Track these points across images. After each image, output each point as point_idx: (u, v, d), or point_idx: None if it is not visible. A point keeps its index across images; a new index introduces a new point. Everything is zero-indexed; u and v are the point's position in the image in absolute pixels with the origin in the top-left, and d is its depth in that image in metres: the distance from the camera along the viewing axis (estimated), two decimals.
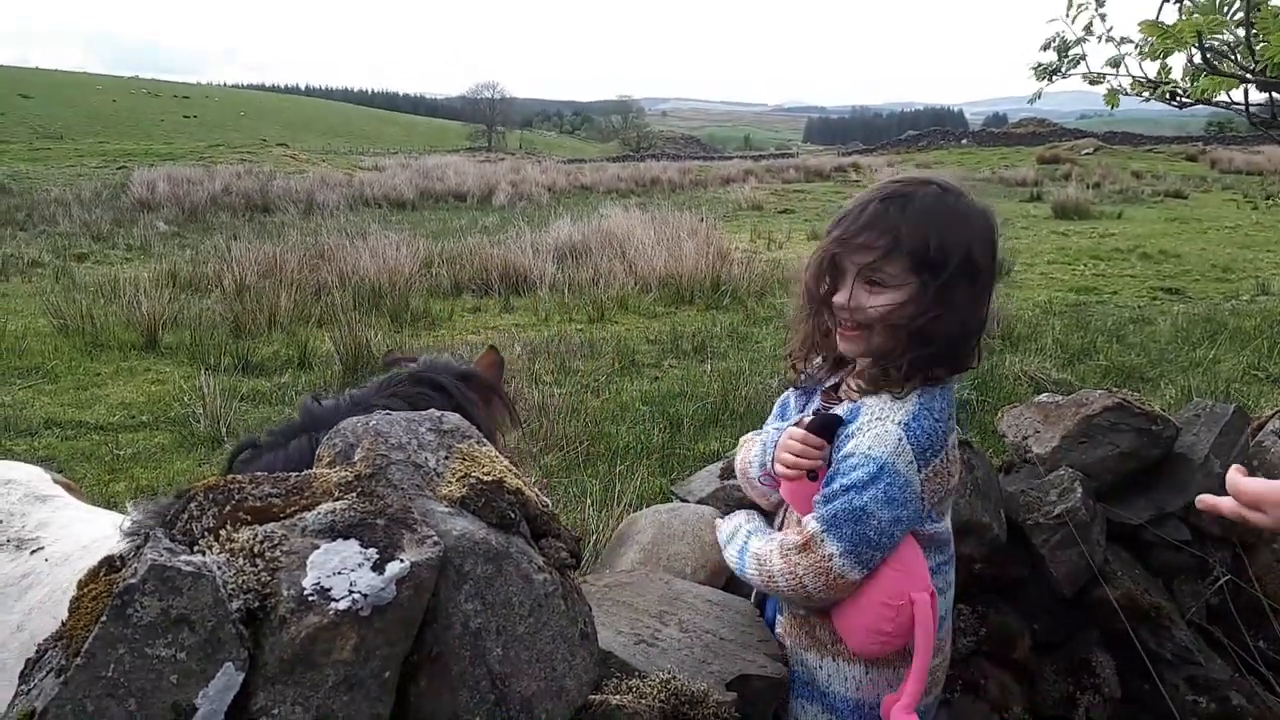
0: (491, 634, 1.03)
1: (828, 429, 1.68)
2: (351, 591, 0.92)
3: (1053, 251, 15.93)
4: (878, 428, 1.62)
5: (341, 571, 0.94)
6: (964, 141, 51.99)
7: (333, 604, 0.91)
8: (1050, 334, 9.04)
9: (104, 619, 0.82)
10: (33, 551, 1.99)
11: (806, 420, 1.73)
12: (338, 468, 1.12)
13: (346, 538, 0.98)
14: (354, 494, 1.04)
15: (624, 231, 14.92)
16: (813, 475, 1.68)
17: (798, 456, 1.68)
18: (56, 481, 2.34)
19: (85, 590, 0.89)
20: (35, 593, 1.90)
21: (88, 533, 2.04)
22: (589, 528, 3.98)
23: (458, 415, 1.24)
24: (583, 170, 37.56)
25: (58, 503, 2.19)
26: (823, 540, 1.59)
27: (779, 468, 1.72)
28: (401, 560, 0.96)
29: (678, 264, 12.40)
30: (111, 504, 5.22)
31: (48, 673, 0.82)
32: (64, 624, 0.90)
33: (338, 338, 8.24)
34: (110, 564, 0.93)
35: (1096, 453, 2.67)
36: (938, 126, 67.68)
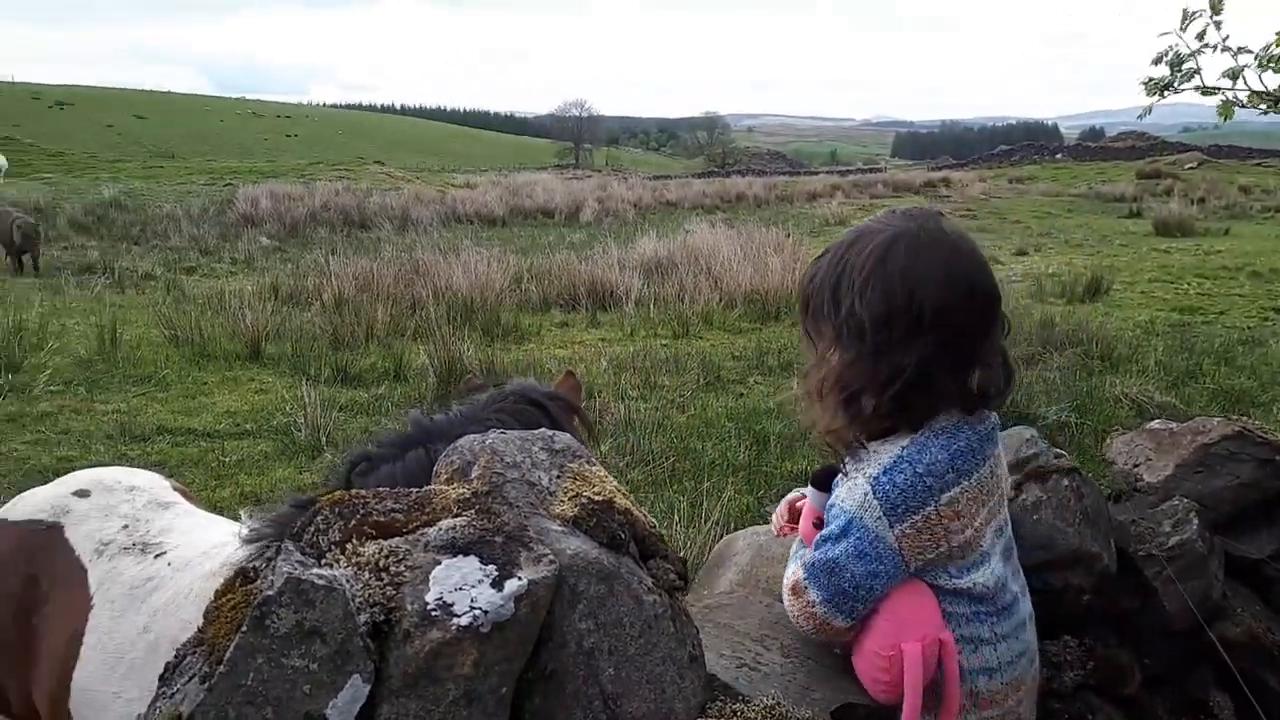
0: (604, 654, 1.04)
1: (828, 479, 1.72)
2: (473, 607, 0.94)
3: (1154, 269, 15.35)
4: (850, 480, 1.63)
5: (463, 587, 0.96)
6: (1058, 156, 50.53)
7: (455, 619, 0.93)
8: (1153, 355, 8.69)
9: (244, 629, 0.86)
10: (156, 556, 2.08)
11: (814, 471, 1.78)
12: (456, 484, 1.14)
13: (467, 554, 1.00)
14: (472, 511, 1.07)
15: (709, 247, 14.92)
16: (819, 523, 1.72)
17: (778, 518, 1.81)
18: (175, 488, 2.45)
19: (224, 600, 0.93)
20: (159, 596, 1.99)
21: (206, 539, 2.13)
22: (676, 545, 3.98)
23: (568, 435, 1.26)
24: (668, 186, 37.71)
25: (178, 509, 2.29)
26: (806, 587, 1.64)
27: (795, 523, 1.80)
28: (520, 578, 0.98)
29: (763, 279, 12.34)
30: (218, 509, 5.43)
31: (191, 678, 0.86)
32: (201, 631, 0.94)
33: (432, 351, 8.43)
34: (245, 575, 0.97)
35: (1214, 483, 2.55)
36: (1030, 141, 65.93)
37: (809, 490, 1.80)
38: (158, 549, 2.10)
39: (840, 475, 1.68)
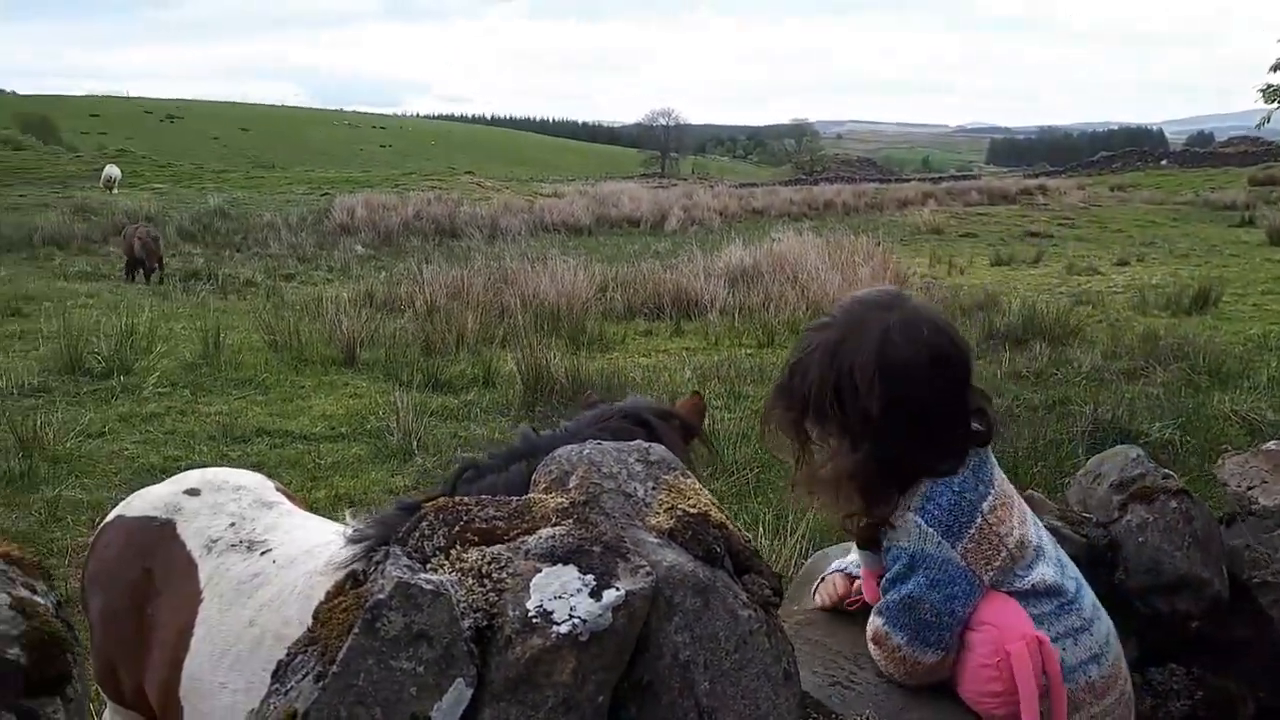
0: (700, 667, 1.04)
1: (873, 539, 1.81)
2: (572, 616, 0.96)
3: (1268, 281, 14.63)
4: (900, 520, 1.72)
5: (562, 596, 0.98)
6: (1163, 162, 48.58)
7: (554, 627, 0.95)
8: (1265, 370, 8.29)
9: (355, 631, 0.89)
10: (262, 553, 2.17)
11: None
12: (554, 493, 1.16)
13: (566, 563, 1.02)
14: (571, 520, 1.09)
15: (796, 255, 14.80)
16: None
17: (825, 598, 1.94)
18: (277, 489, 2.55)
19: (335, 602, 0.96)
20: (265, 591, 2.07)
21: (309, 538, 2.21)
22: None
23: (663, 447, 1.27)
24: (754, 194, 37.52)
25: (281, 509, 2.38)
26: (887, 634, 1.71)
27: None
28: (618, 589, 0.99)
29: (852, 288, 12.11)
30: (314, 510, 5.59)
31: (304, 676, 0.90)
32: (311, 630, 0.98)
33: (519, 358, 8.55)
34: (354, 578, 1.00)
35: None
36: (1134, 147, 63.48)
37: (859, 554, 1.89)
38: (263, 546, 2.19)
39: (883, 530, 1.77)
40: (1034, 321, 10.41)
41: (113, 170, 34.54)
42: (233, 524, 2.27)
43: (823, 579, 2.09)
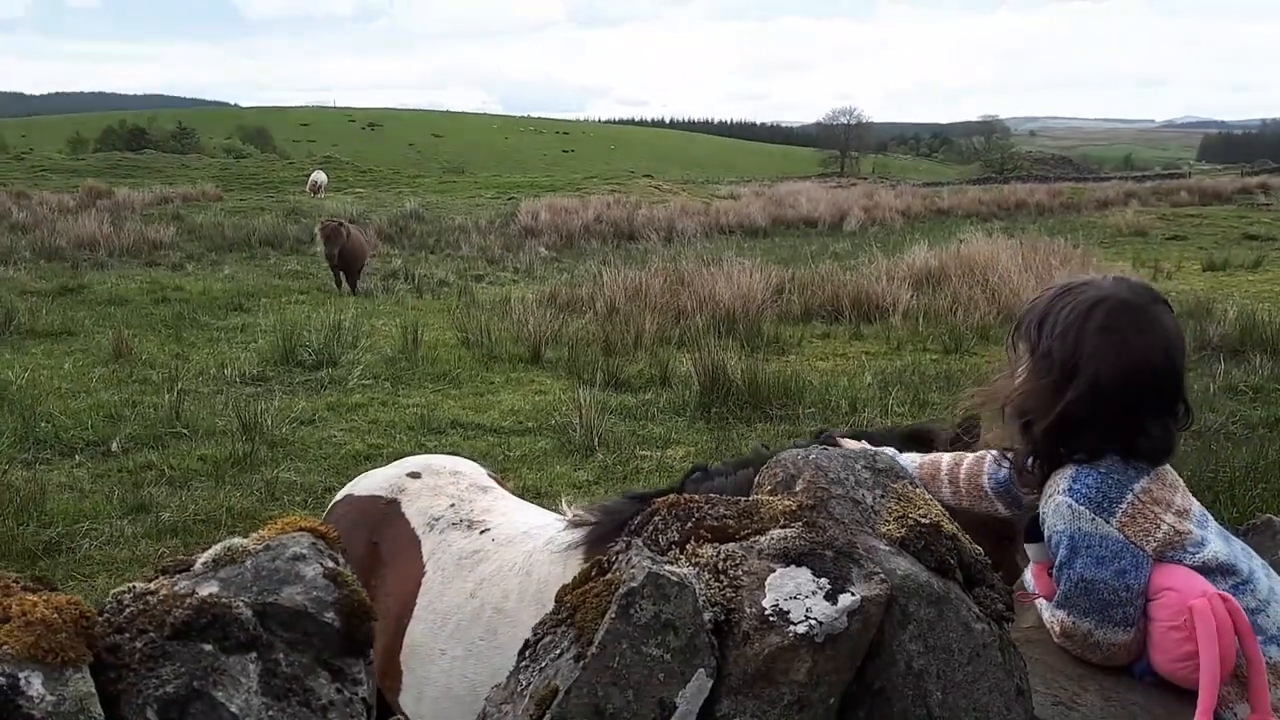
0: (932, 677, 1.04)
1: (1037, 531, 1.80)
2: (808, 617, 0.98)
3: None
4: (1050, 505, 1.73)
5: (797, 597, 1.00)
6: None
7: (792, 627, 0.97)
8: None
9: (611, 616, 0.94)
10: (481, 532, 2.32)
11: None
12: (780, 496, 1.18)
13: (799, 564, 1.04)
14: (800, 523, 1.10)
15: (985, 257, 14.18)
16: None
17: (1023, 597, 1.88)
18: (490, 475, 2.71)
19: (586, 587, 1.02)
20: (485, 567, 2.22)
21: (525, 520, 2.35)
22: None
23: (891, 454, 1.27)
24: (939, 194, 36.26)
25: (495, 493, 2.53)
26: (1073, 623, 1.70)
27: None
28: (853, 593, 1.00)
29: None
30: None
31: (561, 655, 0.96)
32: (555, 612, 1.05)
33: (696, 360, 8.62)
34: (600, 566, 1.06)
35: None
36: None
37: (1027, 548, 1.88)
38: (481, 526, 2.34)
39: (1042, 519, 1.77)
40: (1253, 332, 9.58)
41: (319, 176, 37.13)
42: (452, 504, 2.43)
43: None
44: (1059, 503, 1.71)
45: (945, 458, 2.02)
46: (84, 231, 20.63)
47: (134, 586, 0.90)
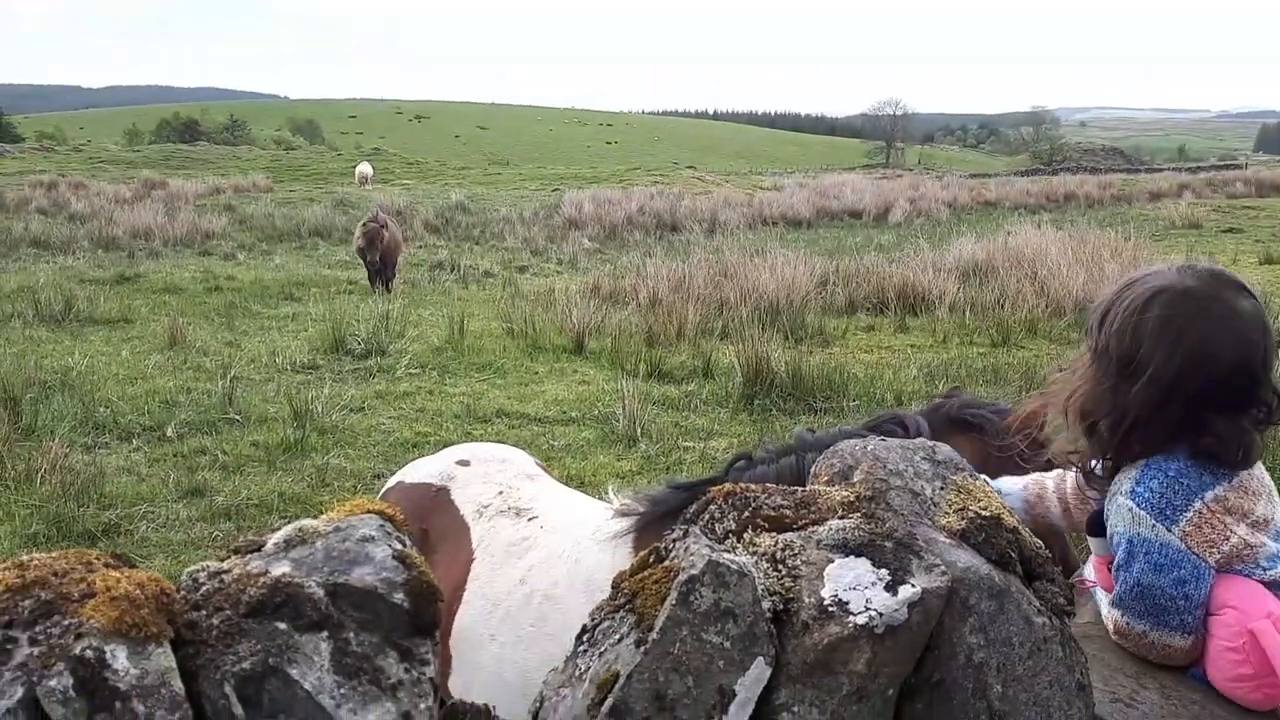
0: (992, 670, 1.03)
1: (1100, 525, 1.77)
2: (868, 608, 0.98)
3: None
4: (1113, 504, 1.69)
5: (856, 588, 1.00)
6: None
7: (851, 617, 0.97)
8: None
9: (672, 602, 0.95)
10: (529, 519, 2.34)
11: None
12: (837, 486, 1.18)
13: (859, 555, 1.04)
14: (858, 514, 1.10)
15: (1034, 250, 13.96)
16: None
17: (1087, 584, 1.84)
18: (537, 464, 2.74)
19: (645, 574, 1.03)
20: (534, 554, 2.24)
21: (572, 508, 2.37)
22: None
23: (949, 447, 1.26)
24: (987, 185, 35.74)
25: (542, 481, 2.56)
26: (1129, 624, 1.67)
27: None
28: (913, 585, 1.00)
29: (1098, 287, 11.30)
30: None
31: (620, 639, 0.97)
32: (613, 599, 1.06)
33: (739, 351, 8.59)
34: (657, 553, 1.07)
35: None
36: None
37: (1090, 541, 1.85)
38: (529, 513, 2.37)
39: (1106, 515, 1.74)
40: None
41: (365, 168, 37.66)
42: (501, 492, 2.46)
43: None
44: (1120, 504, 1.67)
45: (1049, 478, 1.97)
46: (139, 222, 21.13)
47: (208, 565, 0.93)
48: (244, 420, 7.26)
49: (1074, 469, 1.86)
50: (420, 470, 2.69)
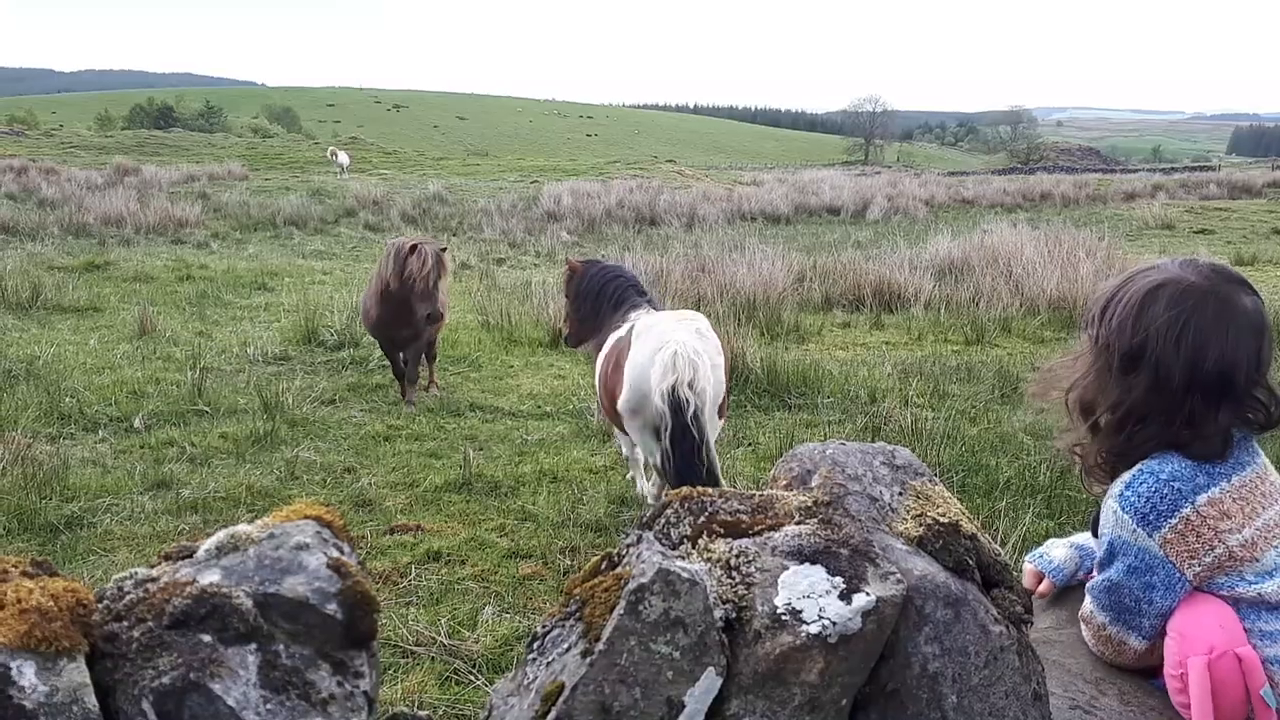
0: (948, 680, 1.01)
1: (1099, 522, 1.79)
2: (821, 617, 0.96)
3: None
4: (1104, 505, 1.72)
5: (810, 596, 0.97)
6: None
7: (804, 627, 0.95)
8: None
9: (620, 612, 0.92)
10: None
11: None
12: (795, 491, 1.16)
13: (814, 562, 1.01)
14: (815, 520, 1.08)
15: (1009, 248, 14.03)
16: None
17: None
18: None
19: (596, 581, 1.00)
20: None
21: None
22: None
23: (909, 451, 1.24)
24: (964, 184, 35.96)
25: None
26: (1093, 613, 1.72)
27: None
28: (868, 594, 0.98)
29: (1072, 286, 11.42)
30: (520, 484, 5.89)
31: (568, 650, 0.95)
32: (564, 605, 1.03)
33: None
34: (609, 559, 1.04)
35: None
36: None
37: (1090, 538, 1.87)
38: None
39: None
40: None
41: (343, 158, 37.40)
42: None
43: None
44: (1109, 505, 1.69)
45: None
46: (111, 208, 20.82)
47: (136, 572, 0.89)
48: (213, 412, 7.16)
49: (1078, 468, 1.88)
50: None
